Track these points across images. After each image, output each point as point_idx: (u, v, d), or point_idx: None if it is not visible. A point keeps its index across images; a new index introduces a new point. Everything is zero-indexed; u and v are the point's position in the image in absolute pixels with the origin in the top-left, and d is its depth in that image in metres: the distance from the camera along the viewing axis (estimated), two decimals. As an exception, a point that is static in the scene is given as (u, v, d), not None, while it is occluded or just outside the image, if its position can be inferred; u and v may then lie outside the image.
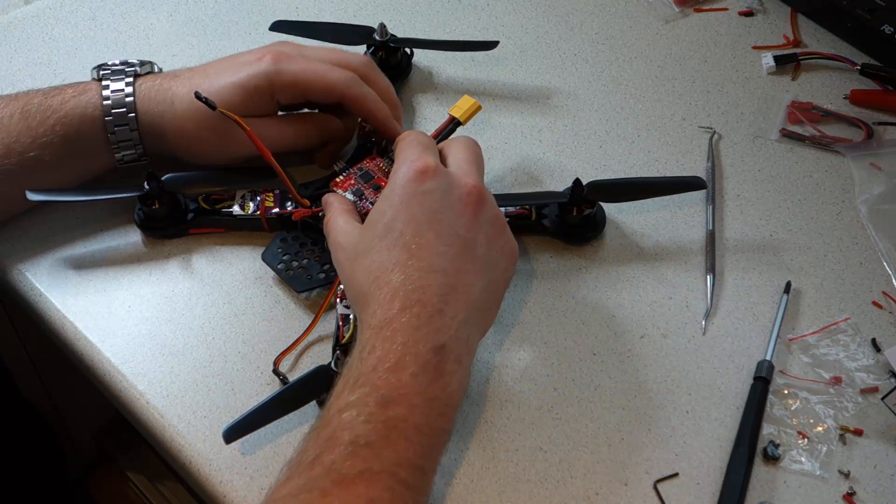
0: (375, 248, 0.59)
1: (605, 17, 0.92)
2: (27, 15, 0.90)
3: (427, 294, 0.57)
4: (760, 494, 0.61)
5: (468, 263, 0.59)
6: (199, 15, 0.90)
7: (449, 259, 0.58)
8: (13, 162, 0.68)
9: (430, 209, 0.60)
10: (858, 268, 0.73)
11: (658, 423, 0.64)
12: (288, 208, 0.72)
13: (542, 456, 0.63)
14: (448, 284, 0.58)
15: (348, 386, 0.55)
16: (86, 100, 0.70)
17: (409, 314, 0.56)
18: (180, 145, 0.71)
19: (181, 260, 0.73)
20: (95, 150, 0.71)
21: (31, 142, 0.69)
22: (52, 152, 0.69)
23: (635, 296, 0.71)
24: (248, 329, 0.69)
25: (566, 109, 0.84)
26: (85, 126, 0.70)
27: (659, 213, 0.76)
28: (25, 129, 0.69)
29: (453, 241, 0.59)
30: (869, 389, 0.66)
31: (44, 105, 0.69)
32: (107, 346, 0.68)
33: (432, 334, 0.56)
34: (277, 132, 0.72)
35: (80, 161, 0.71)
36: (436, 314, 0.57)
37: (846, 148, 0.80)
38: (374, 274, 0.58)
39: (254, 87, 0.70)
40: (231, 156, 0.72)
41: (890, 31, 0.84)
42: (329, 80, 0.71)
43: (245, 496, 0.61)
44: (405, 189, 0.60)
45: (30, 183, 0.70)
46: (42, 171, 0.70)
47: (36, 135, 0.69)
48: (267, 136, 0.69)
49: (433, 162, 0.61)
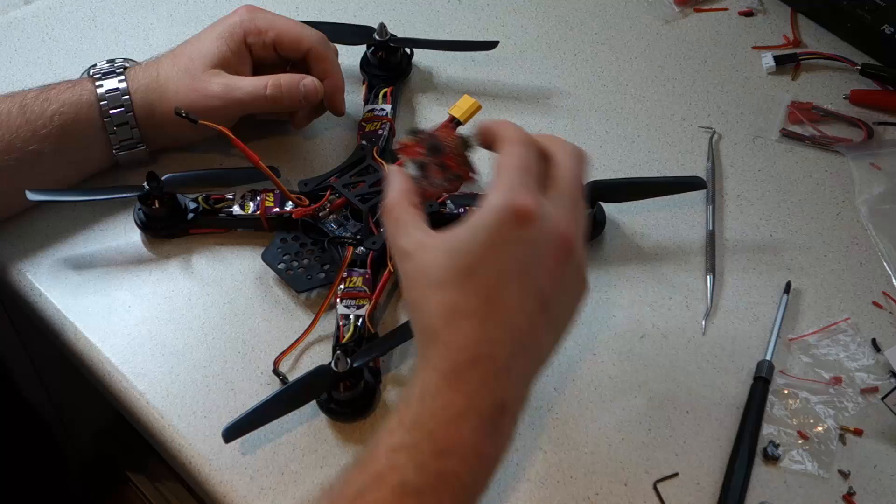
0: (454, 285, 0.54)
1: (605, 17, 0.92)
2: (27, 15, 0.90)
3: (498, 349, 0.54)
4: (760, 494, 0.61)
5: (543, 320, 0.56)
6: (199, 15, 0.90)
7: (526, 316, 0.55)
8: (14, 157, 0.69)
9: (519, 260, 0.54)
10: (858, 268, 0.73)
11: (658, 423, 0.64)
12: (288, 208, 0.72)
13: (542, 456, 0.63)
14: (521, 343, 0.55)
15: (404, 426, 0.52)
16: (80, 89, 0.72)
17: (478, 368, 0.53)
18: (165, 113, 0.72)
19: (181, 260, 0.73)
20: (93, 138, 0.72)
21: (31, 135, 0.69)
22: (52, 144, 0.70)
23: (635, 296, 0.71)
24: (248, 329, 0.69)
25: (566, 109, 0.83)
26: (82, 114, 0.71)
27: (659, 213, 0.76)
28: (24, 122, 0.69)
29: (535, 297, 0.55)
30: (869, 389, 0.66)
31: (41, 98, 0.70)
32: (107, 346, 0.68)
33: (497, 391, 0.54)
34: (252, 83, 0.74)
35: (79, 151, 0.72)
36: (503, 371, 0.54)
37: (846, 148, 0.80)
38: (449, 313, 0.54)
39: (229, 33, 0.74)
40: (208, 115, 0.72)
41: (890, 31, 0.84)
42: (299, 31, 0.76)
43: (245, 496, 0.61)
44: (499, 232, 0.53)
45: (31, 177, 0.70)
46: (43, 164, 0.70)
47: (35, 127, 0.69)
48: (244, 87, 0.73)
49: (534, 203, 0.53)
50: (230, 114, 0.74)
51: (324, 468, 0.62)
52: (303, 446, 0.63)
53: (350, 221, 0.72)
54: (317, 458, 0.62)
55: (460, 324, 0.54)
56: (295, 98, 0.74)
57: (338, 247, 0.70)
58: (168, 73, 0.73)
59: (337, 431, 0.64)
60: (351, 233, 0.71)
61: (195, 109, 0.71)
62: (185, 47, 0.75)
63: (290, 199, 0.72)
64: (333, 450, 0.63)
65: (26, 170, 0.70)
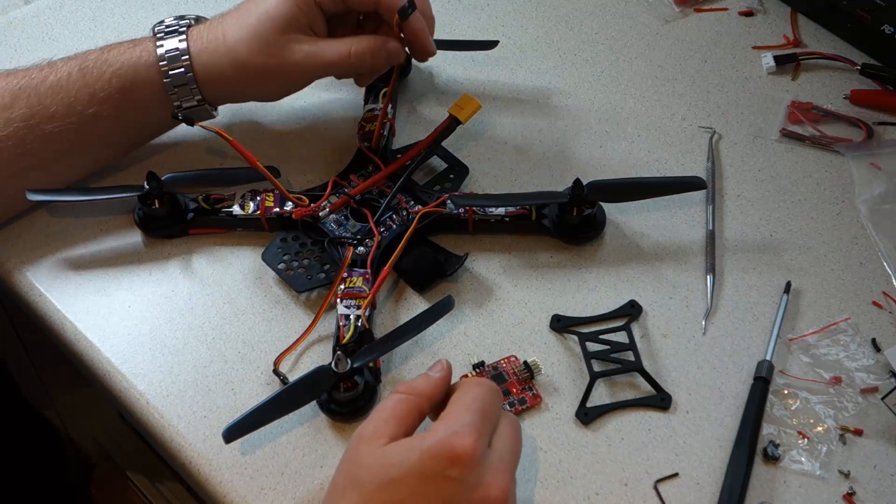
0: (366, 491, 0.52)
1: (605, 17, 0.92)
2: (27, 15, 0.90)
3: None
4: (760, 494, 0.61)
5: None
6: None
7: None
8: (74, 120, 0.69)
9: (442, 499, 0.51)
10: (858, 268, 0.73)
11: (658, 423, 0.64)
12: (288, 208, 0.72)
13: (542, 456, 0.63)
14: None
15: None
16: (139, 50, 0.70)
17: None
18: (238, 78, 0.71)
19: (181, 260, 0.73)
20: (152, 99, 0.71)
21: (90, 98, 0.69)
22: (111, 106, 0.69)
23: (635, 296, 0.71)
24: (248, 329, 0.69)
25: (566, 109, 0.84)
26: (140, 75, 0.70)
27: (659, 213, 0.76)
28: (84, 86, 0.69)
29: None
30: (869, 389, 0.66)
31: (100, 60, 0.70)
32: (107, 346, 0.68)
33: None
34: (335, 49, 0.71)
35: (140, 113, 0.71)
36: None
37: (846, 148, 0.80)
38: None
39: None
40: (287, 80, 0.72)
41: (890, 31, 0.84)
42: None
43: (245, 496, 0.61)
44: (430, 462, 0.51)
45: (92, 140, 0.70)
46: (103, 127, 0.70)
47: (94, 90, 0.69)
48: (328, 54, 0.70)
49: (478, 448, 0.51)
50: (310, 79, 0.74)
51: (324, 468, 0.62)
52: (303, 446, 0.63)
53: (350, 221, 0.72)
54: (317, 458, 0.62)
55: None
56: (380, 62, 0.72)
57: (338, 247, 0.70)
58: (237, 35, 0.70)
59: (337, 431, 0.64)
60: (351, 233, 0.71)
61: (275, 73, 0.70)
62: (250, 6, 0.71)
63: (290, 200, 0.72)
64: (333, 450, 0.63)
65: (87, 132, 0.69)
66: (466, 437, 0.51)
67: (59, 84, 0.69)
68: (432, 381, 0.57)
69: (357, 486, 0.52)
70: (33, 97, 0.69)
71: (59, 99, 0.69)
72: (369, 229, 0.71)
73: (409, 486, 0.51)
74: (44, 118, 0.68)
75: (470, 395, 0.55)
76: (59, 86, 0.69)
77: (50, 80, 0.69)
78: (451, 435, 0.51)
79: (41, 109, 0.68)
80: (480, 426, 0.53)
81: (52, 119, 0.68)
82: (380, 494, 0.51)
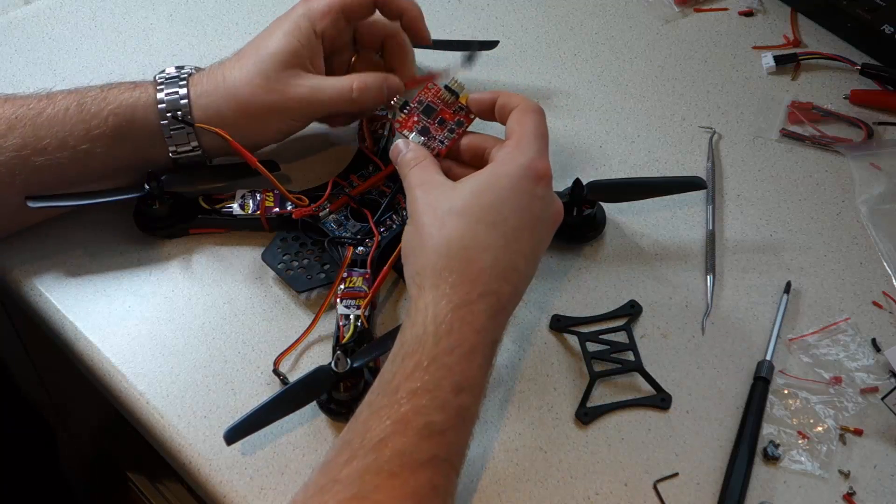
0: (475, 216, 0.60)
1: (605, 17, 0.92)
2: (27, 15, 0.90)
3: (504, 288, 0.59)
4: (760, 494, 0.61)
5: (533, 271, 0.62)
6: (199, 15, 0.90)
7: (528, 264, 0.61)
8: (65, 155, 0.68)
9: (535, 213, 0.61)
10: (858, 268, 0.73)
11: (658, 423, 0.64)
12: (288, 208, 0.72)
13: (542, 456, 0.63)
14: (517, 288, 0.61)
15: (422, 367, 0.56)
16: (139, 91, 0.70)
17: (485, 303, 0.58)
18: (237, 119, 0.70)
19: (181, 260, 0.73)
20: (146, 141, 0.70)
21: (85, 134, 0.69)
22: (104, 144, 0.69)
23: (635, 295, 0.71)
24: (248, 329, 0.69)
25: (566, 109, 0.84)
26: (137, 115, 0.70)
27: (659, 213, 0.76)
28: (80, 121, 0.69)
29: (538, 250, 0.62)
30: (869, 389, 0.66)
31: (99, 97, 0.70)
32: (107, 346, 0.68)
33: (497, 328, 0.59)
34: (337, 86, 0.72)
35: (133, 152, 0.71)
36: (502, 311, 0.60)
37: (846, 148, 0.80)
38: (467, 244, 0.59)
39: (296, 27, 0.71)
40: (288, 118, 0.72)
41: (890, 31, 0.84)
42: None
43: (245, 496, 0.61)
44: (522, 184, 0.61)
45: (79, 175, 0.70)
46: (92, 162, 0.69)
47: (89, 127, 0.69)
48: (329, 90, 0.71)
49: (549, 168, 0.63)
50: (312, 116, 0.74)
51: (324, 468, 0.62)
52: (303, 446, 0.63)
53: (350, 221, 0.72)
54: (317, 457, 0.62)
55: (479, 257, 0.59)
56: (380, 97, 0.72)
57: (338, 247, 0.70)
58: (236, 76, 0.70)
59: (337, 431, 0.64)
60: (351, 233, 0.71)
61: (276, 111, 0.70)
62: (250, 49, 0.72)
63: (290, 199, 0.72)
64: (333, 450, 0.63)
65: (76, 168, 0.69)
66: (542, 160, 0.62)
67: (55, 117, 0.69)
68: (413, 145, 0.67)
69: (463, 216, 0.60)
70: (28, 128, 0.68)
71: (54, 132, 0.68)
72: (369, 229, 0.71)
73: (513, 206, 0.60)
74: (35, 150, 0.68)
75: (532, 122, 0.64)
76: (55, 119, 0.69)
77: (47, 113, 0.69)
78: (531, 159, 0.62)
79: (34, 141, 0.68)
80: (545, 150, 0.63)
81: (43, 152, 0.68)
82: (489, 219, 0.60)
